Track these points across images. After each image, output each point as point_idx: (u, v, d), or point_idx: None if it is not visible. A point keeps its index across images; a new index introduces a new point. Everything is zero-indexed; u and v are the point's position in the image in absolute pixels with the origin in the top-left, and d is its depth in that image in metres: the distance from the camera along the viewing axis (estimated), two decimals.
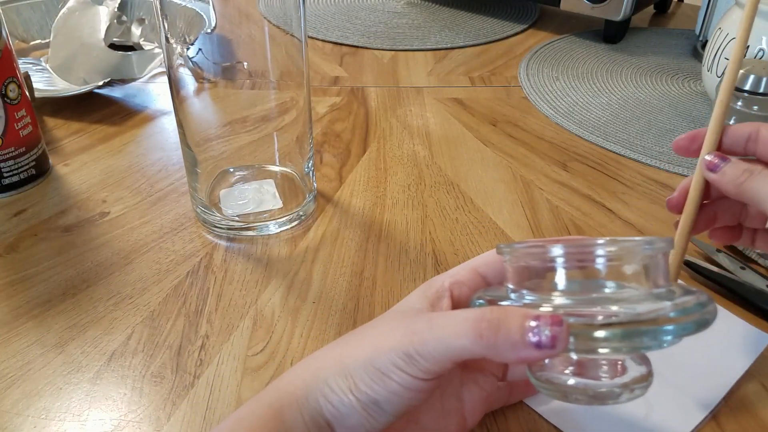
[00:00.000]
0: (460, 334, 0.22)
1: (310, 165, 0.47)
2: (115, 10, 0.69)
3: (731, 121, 0.57)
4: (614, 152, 0.58)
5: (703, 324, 0.21)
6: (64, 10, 0.67)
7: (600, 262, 0.23)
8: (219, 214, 0.45)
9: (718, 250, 0.43)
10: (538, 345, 0.21)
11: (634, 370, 0.23)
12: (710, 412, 0.32)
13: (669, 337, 0.21)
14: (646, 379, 0.23)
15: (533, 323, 0.21)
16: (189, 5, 0.46)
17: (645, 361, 0.24)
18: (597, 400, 0.23)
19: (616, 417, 0.31)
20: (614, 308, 0.21)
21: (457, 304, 0.27)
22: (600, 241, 0.23)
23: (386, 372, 0.23)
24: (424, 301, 0.26)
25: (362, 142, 0.58)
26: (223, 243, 0.44)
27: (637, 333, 0.20)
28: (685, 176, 0.54)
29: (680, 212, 0.30)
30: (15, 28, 0.72)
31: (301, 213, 0.47)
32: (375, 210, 0.49)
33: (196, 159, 0.44)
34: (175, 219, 0.47)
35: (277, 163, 0.48)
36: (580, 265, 0.23)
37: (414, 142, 0.59)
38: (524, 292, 0.24)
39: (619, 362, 0.23)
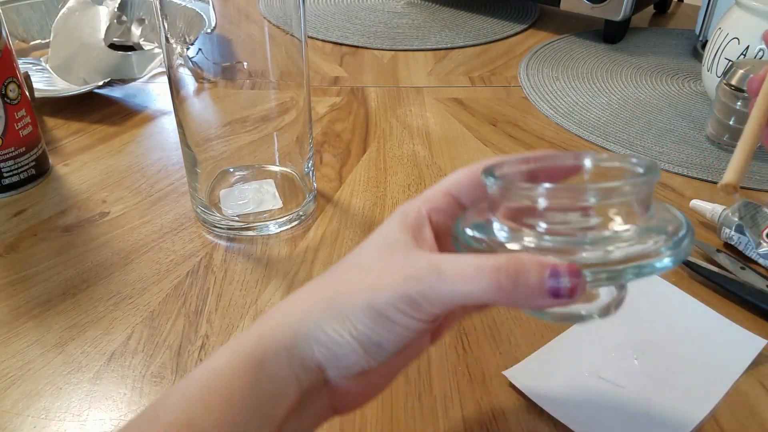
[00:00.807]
0: (476, 285, 0.21)
1: (310, 165, 0.47)
2: (115, 10, 0.69)
3: (731, 122, 0.57)
4: (615, 152, 0.58)
5: (682, 258, 0.23)
6: (64, 10, 0.67)
7: (590, 202, 0.23)
8: (219, 214, 0.45)
9: (718, 250, 0.43)
10: (557, 294, 0.21)
11: (608, 294, 0.25)
12: (710, 412, 0.32)
13: (652, 274, 0.22)
14: (621, 299, 0.25)
15: (552, 274, 0.21)
16: (189, 5, 0.46)
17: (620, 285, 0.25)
18: (574, 320, 0.25)
19: (618, 416, 0.31)
20: (598, 254, 0.22)
21: (436, 231, 0.26)
22: (591, 186, 0.24)
23: (389, 315, 0.22)
24: (406, 232, 0.25)
25: (362, 142, 0.58)
26: (223, 243, 0.44)
27: (623, 272, 0.22)
28: (685, 176, 0.54)
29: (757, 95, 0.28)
30: (15, 28, 0.72)
31: (301, 213, 0.47)
32: (375, 210, 0.49)
33: (196, 159, 0.44)
34: (175, 219, 0.47)
35: (277, 163, 0.48)
36: (570, 205, 0.24)
37: (414, 142, 0.59)
38: (514, 228, 0.24)
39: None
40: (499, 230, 0.24)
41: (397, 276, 0.23)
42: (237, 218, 0.45)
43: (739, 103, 0.55)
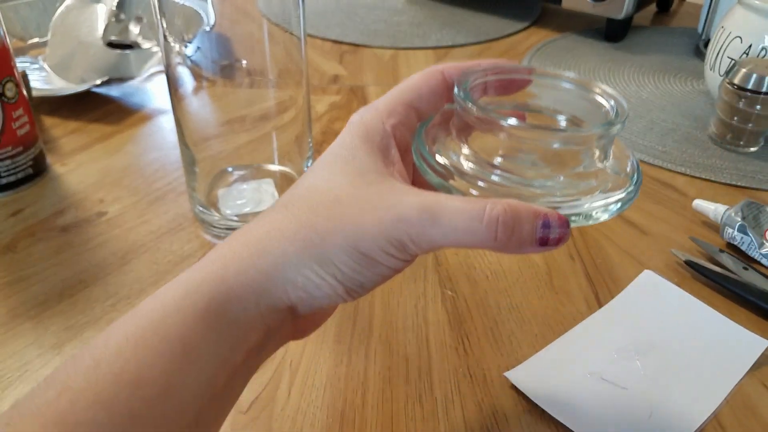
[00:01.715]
0: (473, 234, 0.21)
1: (309, 164, 0.47)
2: (113, 8, 0.68)
3: (734, 121, 0.57)
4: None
5: (628, 206, 0.24)
6: (62, 8, 0.67)
7: (556, 146, 0.24)
8: (217, 214, 0.45)
9: (721, 251, 0.43)
10: (545, 243, 0.22)
11: None
12: (712, 413, 0.32)
13: (600, 221, 0.23)
14: None
15: (544, 224, 0.21)
16: (187, 3, 0.45)
17: None
18: None
19: (621, 417, 0.31)
20: (548, 199, 0.23)
21: (398, 147, 0.25)
22: (560, 131, 0.24)
23: (375, 257, 0.22)
24: (374, 155, 0.24)
25: None
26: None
27: (569, 219, 0.23)
28: (688, 176, 0.54)
29: None
30: (12, 26, 0.72)
31: None
32: None
33: (194, 158, 0.44)
34: (173, 219, 0.46)
35: (276, 163, 0.47)
36: (536, 146, 0.24)
37: None
38: (478, 161, 0.24)
39: None
40: (465, 161, 0.24)
41: (384, 215, 0.22)
42: (236, 218, 0.45)
43: (741, 102, 0.55)
